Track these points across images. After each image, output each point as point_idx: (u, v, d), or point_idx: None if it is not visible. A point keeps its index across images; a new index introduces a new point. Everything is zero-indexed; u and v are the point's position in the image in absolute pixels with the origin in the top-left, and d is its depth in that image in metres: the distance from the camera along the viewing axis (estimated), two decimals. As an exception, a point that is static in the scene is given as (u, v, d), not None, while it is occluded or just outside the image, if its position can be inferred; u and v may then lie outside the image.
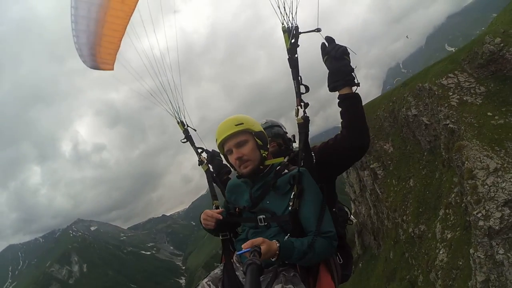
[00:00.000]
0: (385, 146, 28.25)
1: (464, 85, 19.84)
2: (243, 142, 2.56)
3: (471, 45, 21.83)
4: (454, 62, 22.26)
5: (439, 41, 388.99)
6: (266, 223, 2.49)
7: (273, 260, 2.16)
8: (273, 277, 2.32)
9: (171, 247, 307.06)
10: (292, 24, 2.46)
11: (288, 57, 2.49)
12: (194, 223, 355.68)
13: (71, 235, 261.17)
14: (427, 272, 20.10)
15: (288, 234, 2.38)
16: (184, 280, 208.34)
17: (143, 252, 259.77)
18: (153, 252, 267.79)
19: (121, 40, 3.18)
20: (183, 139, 3.39)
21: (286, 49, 2.50)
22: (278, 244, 2.13)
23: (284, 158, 2.78)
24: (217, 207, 2.86)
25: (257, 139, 2.61)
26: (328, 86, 2.51)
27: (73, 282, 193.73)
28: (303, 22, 2.53)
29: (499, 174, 14.17)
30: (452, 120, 19.20)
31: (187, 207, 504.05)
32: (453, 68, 21.58)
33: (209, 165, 3.34)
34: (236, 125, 2.55)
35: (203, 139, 3.37)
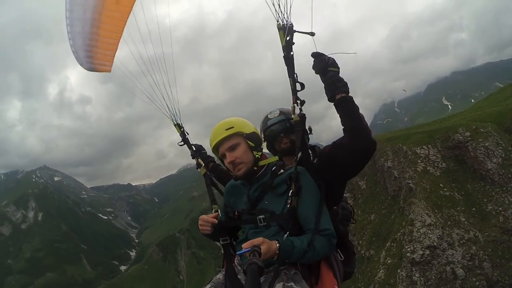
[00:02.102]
0: (359, 182, 34.71)
1: (431, 158, 26.70)
2: (234, 146, 2.59)
3: (447, 129, 28.42)
4: (430, 137, 28.53)
5: (438, 92, 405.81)
6: (265, 223, 2.52)
7: (273, 260, 2.20)
8: (274, 276, 2.32)
9: (129, 218, 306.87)
10: (287, 22, 2.50)
11: (283, 54, 2.52)
12: (156, 200, 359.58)
13: (34, 180, 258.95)
14: (367, 284, 27.30)
15: (288, 233, 2.42)
16: (134, 253, 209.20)
17: (101, 215, 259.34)
18: (110, 218, 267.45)
19: (118, 41, 3.21)
20: (180, 142, 3.50)
21: (281, 47, 2.53)
22: (278, 244, 2.17)
23: (296, 155, 2.70)
24: (216, 211, 2.86)
25: (248, 142, 2.63)
26: (328, 99, 2.55)
27: (26, 227, 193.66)
28: (306, 27, 2.53)
29: (430, 228, 21.24)
30: (413, 181, 25.91)
31: (154, 182, 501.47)
32: (428, 141, 27.90)
33: (207, 168, 3.35)
34: (226, 129, 2.58)
35: (191, 119, 3.40)
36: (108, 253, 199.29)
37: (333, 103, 2.53)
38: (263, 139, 3.12)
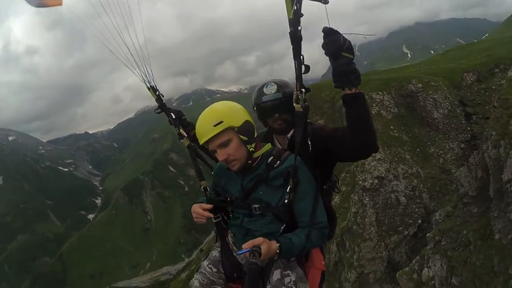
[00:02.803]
0: (319, 121, 35.95)
1: (385, 103, 28.38)
2: (226, 142, 2.31)
3: (402, 79, 28.93)
4: (386, 85, 28.90)
5: (399, 40, 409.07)
6: (260, 212, 2.44)
7: (274, 259, 2.24)
8: (270, 263, 2.32)
9: (90, 166, 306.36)
10: None
11: (290, 30, 1.97)
12: (116, 145, 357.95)
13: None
14: None
15: (284, 225, 2.39)
16: (100, 200, 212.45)
17: (61, 168, 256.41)
18: (71, 169, 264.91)
19: None
20: (157, 109, 3.11)
21: (287, 19, 1.97)
22: (278, 244, 2.16)
23: (288, 133, 2.80)
24: (205, 189, 2.69)
25: (241, 136, 2.34)
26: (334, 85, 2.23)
27: None
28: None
29: (379, 162, 23.91)
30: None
31: (112, 127, 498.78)
32: (384, 88, 28.59)
33: (190, 139, 2.94)
34: (214, 125, 2.27)
35: (146, 61, 2.76)
36: (74, 204, 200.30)
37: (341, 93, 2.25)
38: (254, 109, 2.92)
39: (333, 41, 2.07)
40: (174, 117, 3.13)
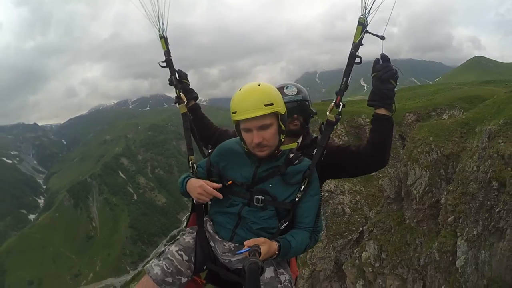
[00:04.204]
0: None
1: (338, 132, 32.28)
2: (267, 126, 2.25)
3: (353, 113, 34.08)
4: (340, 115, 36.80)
5: (358, 73, 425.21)
6: (262, 204, 2.37)
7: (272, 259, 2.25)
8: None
9: (35, 162, 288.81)
10: (367, 19, 2.30)
11: (351, 51, 2.36)
12: (65, 142, 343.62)
13: None
14: None
15: (286, 223, 2.37)
16: (43, 200, 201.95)
17: (5, 159, 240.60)
18: (15, 162, 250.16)
19: None
20: (162, 61, 2.96)
21: (352, 42, 2.35)
22: (278, 244, 2.19)
23: (299, 139, 2.87)
24: (193, 165, 2.64)
25: (281, 124, 2.31)
26: (368, 101, 2.49)
27: None
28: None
29: (330, 180, 29.54)
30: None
31: (63, 122, 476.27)
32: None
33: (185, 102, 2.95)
34: (265, 104, 2.19)
35: (109, 56, 2.10)
36: (14, 201, 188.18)
37: (372, 114, 2.49)
38: None
39: (389, 68, 2.38)
40: (177, 78, 3.04)
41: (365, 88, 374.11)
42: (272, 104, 2.20)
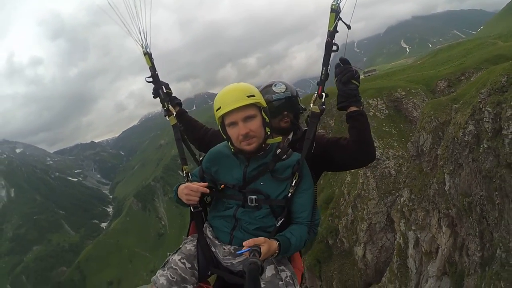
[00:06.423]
0: (330, 121, 42.90)
1: (378, 107, 36.60)
2: (251, 117, 2.33)
3: (390, 88, 38.10)
4: (379, 93, 37.94)
5: (397, 35, 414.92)
6: (256, 204, 2.41)
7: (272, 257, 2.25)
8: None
9: (98, 175, 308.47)
10: (339, 6, 2.36)
11: (327, 40, 2.41)
12: (123, 153, 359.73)
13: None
14: (340, 185, 40.80)
15: (282, 220, 2.41)
16: (111, 209, 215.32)
17: (70, 178, 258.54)
18: (80, 179, 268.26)
19: None
20: (148, 77, 3.05)
21: (327, 30, 2.40)
22: (278, 243, 2.19)
23: (289, 135, 2.92)
24: (187, 174, 2.71)
25: (264, 115, 2.40)
26: (337, 105, 2.57)
27: (1, 207, 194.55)
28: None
29: (375, 148, 34.42)
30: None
31: (117, 135, 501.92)
32: (377, 95, 37.63)
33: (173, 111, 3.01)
34: (248, 96, 2.30)
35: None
36: (86, 214, 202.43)
37: (345, 114, 2.58)
38: None
39: (348, 69, 2.47)
40: (165, 91, 3.11)
41: (407, 49, 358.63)
42: (253, 95, 2.32)
